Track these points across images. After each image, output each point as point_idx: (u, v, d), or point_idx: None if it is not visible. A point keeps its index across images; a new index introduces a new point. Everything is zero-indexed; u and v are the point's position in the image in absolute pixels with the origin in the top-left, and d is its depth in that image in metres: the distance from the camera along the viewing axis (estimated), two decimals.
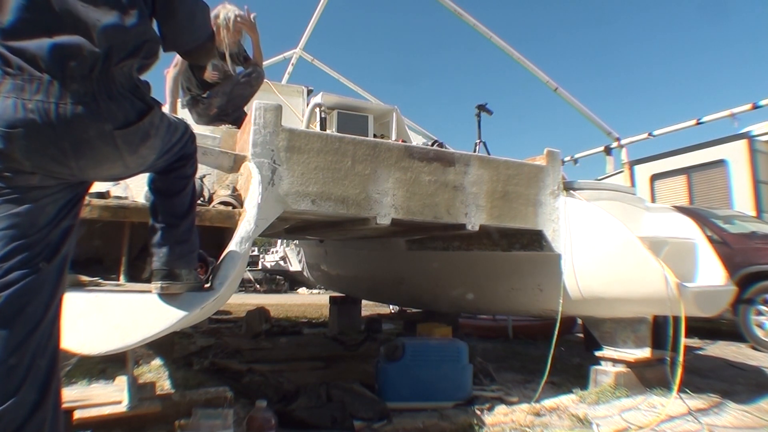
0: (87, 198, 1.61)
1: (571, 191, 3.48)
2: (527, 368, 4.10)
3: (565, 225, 3.38)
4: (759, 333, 5.27)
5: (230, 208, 2.40)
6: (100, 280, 2.22)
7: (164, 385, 3.32)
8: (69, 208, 1.44)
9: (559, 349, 3.93)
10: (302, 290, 18.03)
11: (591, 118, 10.47)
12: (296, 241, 9.29)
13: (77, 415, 2.26)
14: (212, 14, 3.83)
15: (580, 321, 5.12)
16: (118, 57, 1.37)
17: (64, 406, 1.52)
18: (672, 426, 2.75)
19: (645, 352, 3.41)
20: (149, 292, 1.75)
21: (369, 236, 4.53)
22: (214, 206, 2.43)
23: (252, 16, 3.77)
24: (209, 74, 3.81)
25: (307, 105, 4.79)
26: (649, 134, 10.24)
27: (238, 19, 3.71)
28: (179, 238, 1.71)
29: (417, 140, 5.80)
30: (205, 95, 3.87)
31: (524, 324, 5.88)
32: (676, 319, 3.04)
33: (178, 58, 3.45)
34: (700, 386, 3.49)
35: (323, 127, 4.02)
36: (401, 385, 3.03)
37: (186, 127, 1.72)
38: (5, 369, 1.27)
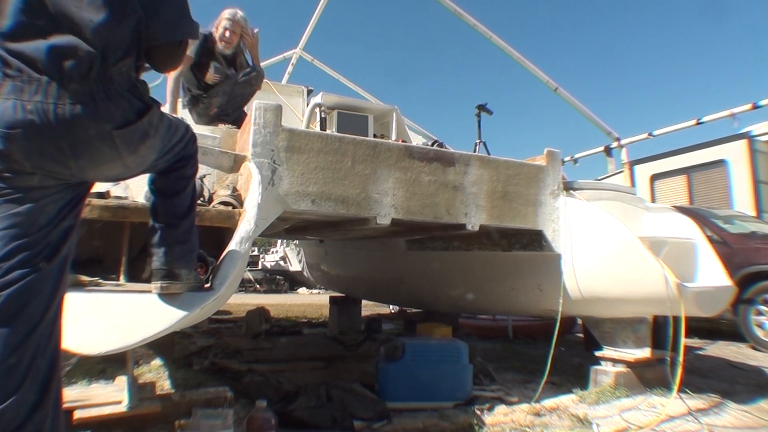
0: (87, 198, 1.61)
1: (571, 191, 3.48)
2: (527, 368, 4.10)
3: (565, 225, 3.38)
4: (759, 333, 5.26)
5: (230, 208, 2.40)
6: (100, 280, 2.22)
7: (164, 385, 3.32)
8: (69, 209, 1.44)
9: (559, 349, 3.93)
10: (302, 290, 18.04)
11: (591, 118, 10.47)
12: (296, 241, 9.29)
13: (77, 415, 2.26)
14: (220, 16, 3.82)
15: (580, 321, 5.12)
16: (114, 57, 1.38)
17: (65, 406, 1.52)
18: (672, 426, 2.75)
19: (645, 352, 3.41)
20: (149, 292, 1.75)
21: (369, 236, 4.53)
22: (214, 206, 2.43)
23: (255, 31, 3.89)
24: (210, 76, 3.82)
25: (307, 105, 4.79)
26: (649, 134, 10.23)
27: (244, 32, 3.85)
28: (179, 238, 1.72)
29: (417, 140, 5.79)
30: (205, 95, 3.87)
31: (524, 324, 5.88)
32: (676, 319, 3.04)
33: None
34: (700, 386, 3.49)
35: (323, 127, 4.02)
36: (401, 385, 3.02)
37: (187, 128, 1.72)
38: (5, 368, 1.27)
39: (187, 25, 1.58)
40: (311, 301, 11.97)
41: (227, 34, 3.79)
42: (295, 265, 15.98)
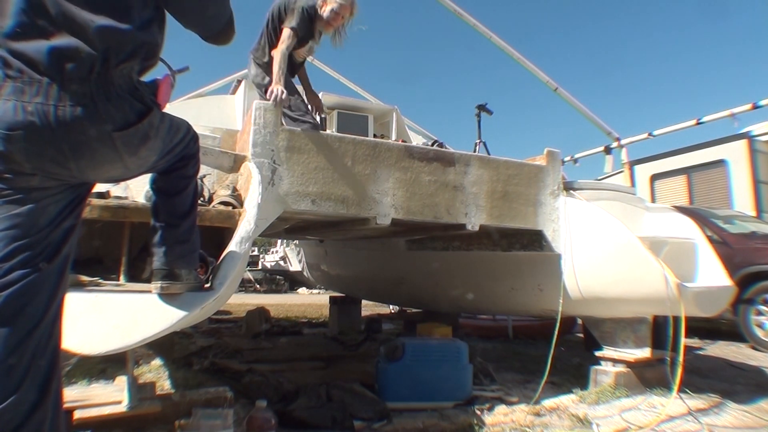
0: (88, 198, 1.60)
1: (571, 191, 3.49)
2: (527, 368, 4.10)
3: (565, 225, 3.38)
4: (759, 333, 5.26)
5: (230, 208, 2.40)
6: (100, 280, 2.22)
7: (164, 385, 3.32)
8: (70, 209, 1.44)
9: (559, 349, 3.93)
10: (302, 290, 18.04)
11: (591, 118, 10.45)
12: (296, 241, 9.29)
13: (77, 415, 2.26)
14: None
15: (580, 321, 5.12)
16: (116, 59, 1.38)
17: (65, 406, 1.52)
18: (672, 426, 2.75)
19: (645, 352, 3.41)
20: (149, 292, 1.75)
21: (369, 236, 4.53)
22: (214, 206, 2.43)
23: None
24: (303, 53, 3.65)
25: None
26: (649, 134, 10.21)
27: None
28: (180, 237, 1.71)
29: (417, 140, 5.79)
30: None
31: (524, 324, 5.88)
32: (676, 319, 3.04)
33: (285, 34, 3.31)
34: (700, 386, 3.49)
35: (323, 127, 4.02)
36: (401, 385, 3.03)
37: (188, 128, 1.72)
38: (5, 368, 1.27)
39: (225, 10, 1.60)
40: (311, 301, 11.97)
41: (337, 20, 3.49)
42: (295, 265, 15.99)
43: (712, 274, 3.46)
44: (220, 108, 6.87)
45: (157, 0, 1.48)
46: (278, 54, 3.27)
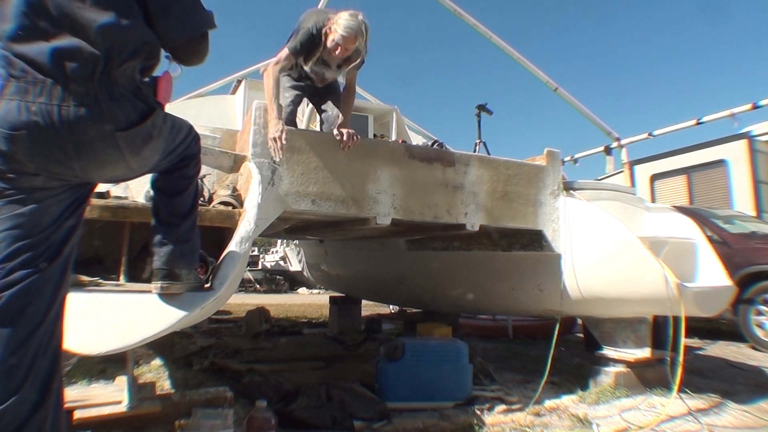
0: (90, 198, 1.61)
1: (571, 191, 3.49)
2: (527, 368, 4.10)
3: (565, 225, 3.38)
4: (759, 333, 5.26)
5: (230, 208, 2.40)
6: (100, 280, 2.22)
7: (164, 385, 3.32)
8: (72, 209, 1.45)
9: (559, 349, 3.93)
10: (302, 290, 18.03)
11: (591, 118, 10.45)
12: (296, 241, 9.29)
13: (77, 415, 2.26)
14: (338, 17, 3.00)
15: (580, 321, 5.12)
16: (119, 59, 1.38)
17: (65, 406, 1.52)
18: (672, 426, 2.75)
19: (645, 352, 3.41)
20: (149, 292, 1.75)
21: (369, 236, 4.53)
22: (214, 206, 2.43)
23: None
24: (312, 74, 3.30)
25: (308, 105, 4.79)
26: (649, 134, 10.21)
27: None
28: (180, 237, 1.72)
29: (417, 140, 5.79)
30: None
31: (524, 324, 5.88)
32: (676, 319, 3.04)
33: (282, 54, 2.99)
34: (700, 386, 3.49)
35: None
36: (401, 385, 3.03)
37: (190, 128, 1.72)
38: (6, 368, 1.27)
39: (201, 18, 1.57)
40: (311, 301, 11.97)
41: (337, 50, 3.00)
42: (295, 265, 15.98)
43: (712, 274, 3.46)
44: (220, 108, 6.88)
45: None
46: (268, 76, 2.89)
